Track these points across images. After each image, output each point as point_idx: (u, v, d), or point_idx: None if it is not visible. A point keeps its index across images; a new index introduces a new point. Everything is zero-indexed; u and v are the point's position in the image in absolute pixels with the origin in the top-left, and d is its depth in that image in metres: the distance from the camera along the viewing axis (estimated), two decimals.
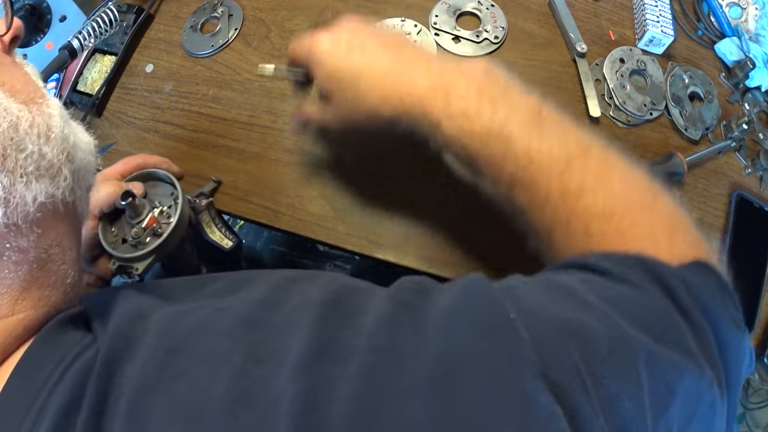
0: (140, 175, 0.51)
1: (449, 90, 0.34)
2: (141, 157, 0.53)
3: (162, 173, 0.50)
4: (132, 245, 0.47)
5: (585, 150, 0.33)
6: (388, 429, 0.20)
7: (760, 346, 0.52)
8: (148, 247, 0.46)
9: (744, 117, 0.55)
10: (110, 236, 0.49)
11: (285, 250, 1.52)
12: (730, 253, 0.52)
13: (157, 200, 0.50)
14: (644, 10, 0.56)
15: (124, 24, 0.64)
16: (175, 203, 0.49)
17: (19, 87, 0.28)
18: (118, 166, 0.51)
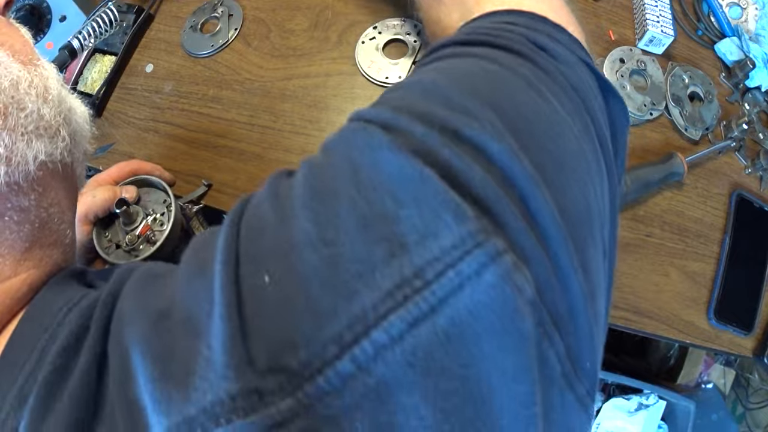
0: (134, 181, 0.51)
1: None
2: (134, 163, 0.53)
3: (155, 180, 0.51)
4: (126, 251, 0.48)
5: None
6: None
7: (760, 346, 0.52)
8: (142, 254, 0.47)
9: (744, 117, 0.55)
10: (104, 241, 0.49)
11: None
12: (730, 253, 0.52)
13: (150, 207, 0.51)
14: (644, 10, 0.56)
15: (124, 24, 0.64)
16: (168, 210, 0.49)
17: (18, 47, 0.28)
18: (111, 172, 0.51)
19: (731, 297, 0.52)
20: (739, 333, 0.52)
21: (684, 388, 1.04)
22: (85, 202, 0.46)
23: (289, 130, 0.57)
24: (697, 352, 1.04)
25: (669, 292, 0.52)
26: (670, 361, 1.07)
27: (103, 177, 0.51)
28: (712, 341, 0.52)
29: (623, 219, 0.52)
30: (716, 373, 1.08)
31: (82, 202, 0.46)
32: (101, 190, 0.47)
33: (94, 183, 0.50)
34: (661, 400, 0.92)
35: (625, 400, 0.94)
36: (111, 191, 0.48)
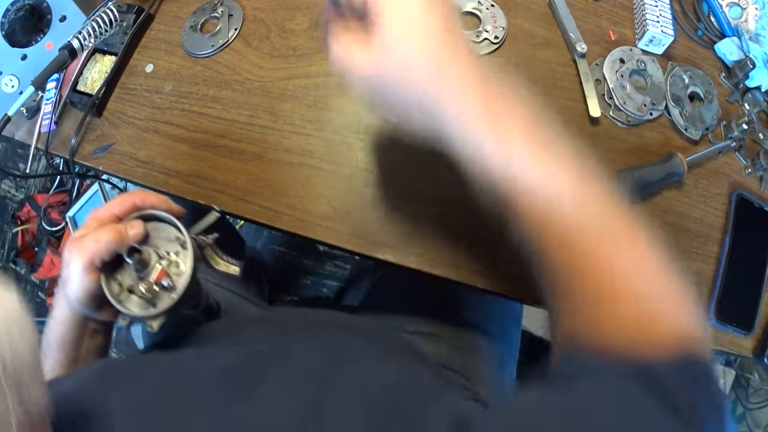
0: (139, 216, 0.46)
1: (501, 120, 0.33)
2: (137, 195, 0.48)
3: (164, 215, 0.45)
4: (142, 298, 0.43)
5: (628, 232, 0.33)
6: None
7: (760, 346, 0.52)
8: (161, 304, 0.43)
9: (744, 117, 0.55)
10: (115, 287, 0.44)
11: (285, 250, 1.52)
12: (730, 253, 0.52)
13: (161, 246, 0.45)
14: (644, 10, 0.56)
15: (124, 24, 0.64)
16: (183, 248, 0.45)
17: None
18: (112, 207, 0.46)
19: (731, 297, 0.52)
20: (739, 333, 0.52)
21: None
22: (88, 247, 0.41)
23: (289, 130, 0.57)
24: None
25: None
26: None
27: (103, 213, 0.45)
28: (712, 341, 0.52)
29: None
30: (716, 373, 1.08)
31: (85, 248, 0.41)
32: (105, 232, 0.42)
33: (95, 221, 0.44)
34: None
35: None
36: (116, 232, 0.42)
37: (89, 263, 0.41)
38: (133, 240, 0.43)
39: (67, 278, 0.43)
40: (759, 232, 0.54)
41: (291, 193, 0.55)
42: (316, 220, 0.53)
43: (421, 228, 0.52)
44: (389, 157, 0.54)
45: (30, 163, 1.36)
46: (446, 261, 0.51)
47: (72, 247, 0.42)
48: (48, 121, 0.64)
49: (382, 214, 0.53)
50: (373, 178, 0.54)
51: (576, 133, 0.54)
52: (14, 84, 0.65)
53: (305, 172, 0.55)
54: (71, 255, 0.42)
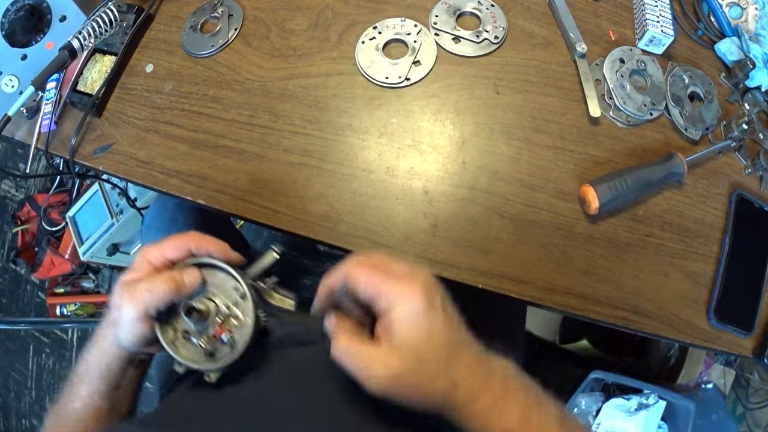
0: (195, 264, 0.43)
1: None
2: (192, 240, 0.44)
3: (222, 265, 0.43)
4: (197, 346, 0.42)
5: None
6: None
7: (760, 346, 0.52)
8: (221, 360, 0.42)
9: (744, 117, 0.55)
10: (170, 333, 0.42)
11: (285, 250, 1.52)
12: (730, 253, 0.52)
13: (218, 296, 0.43)
14: (644, 10, 0.56)
15: (124, 24, 0.64)
16: (242, 299, 0.43)
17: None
18: (165, 250, 0.43)
19: (731, 297, 0.52)
20: (739, 333, 0.52)
21: (684, 388, 1.04)
22: (142, 298, 0.40)
23: (289, 130, 0.57)
24: (697, 352, 1.04)
25: (669, 292, 0.52)
26: (670, 361, 1.07)
27: (155, 256, 0.43)
28: (712, 341, 0.52)
29: (623, 219, 0.52)
30: (716, 373, 1.08)
31: (139, 298, 0.40)
32: (159, 281, 0.40)
33: (147, 265, 0.42)
34: (661, 400, 0.92)
35: (625, 400, 0.94)
36: (171, 281, 0.41)
37: (143, 314, 0.40)
38: (189, 290, 0.42)
39: (117, 321, 0.42)
40: (759, 232, 0.54)
41: (291, 193, 0.55)
42: (316, 220, 0.53)
43: (422, 228, 0.52)
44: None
45: (30, 163, 1.37)
46: (446, 261, 0.51)
47: (124, 293, 0.41)
48: (48, 121, 0.64)
49: (382, 214, 0.53)
50: (372, 178, 0.54)
51: (576, 133, 0.54)
52: (14, 84, 0.65)
53: (305, 172, 0.55)
54: (123, 301, 0.40)
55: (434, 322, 0.36)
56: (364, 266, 0.37)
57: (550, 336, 1.18)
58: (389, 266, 0.37)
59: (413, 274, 0.37)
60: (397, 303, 0.36)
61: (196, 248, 0.44)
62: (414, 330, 0.35)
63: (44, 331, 1.88)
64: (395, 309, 0.36)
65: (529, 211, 0.52)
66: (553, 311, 0.52)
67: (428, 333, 0.35)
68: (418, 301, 0.35)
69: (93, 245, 1.35)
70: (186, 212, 0.79)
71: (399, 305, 0.36)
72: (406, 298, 0.36)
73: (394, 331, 0.36)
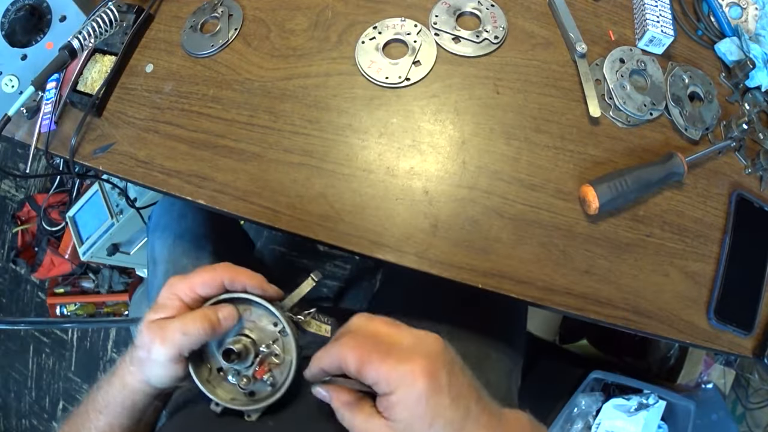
0: (230, 300, 0.41)
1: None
2: (225, 273, 0.41)
3: (259, 301, 0.41)
4: (235, 384, 0.41)
5: None
6: None
7: (760, 346, 0.52)
8: (262, 399, 0.40)
9: (744, 117, 0.55)
10: (204, 373, 0.41)
11: (285, 250, 1.52)
12: (730, 253, 0.52)
13: (255, 332, 0.41)
14: (644, 10, 0.56)
15: (124, 24, 0.64)
16: (282, 335, 0.41)
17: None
18: (194, 284, 0.41)
19: (731, 297, 0.52)
20: (739, 333, 0.52)
21: (684, 388, 1.04)
22: (174, 341, 0.38)
23: (289, 130, 0.57)
24: (697, 352, 1.04)
25: (669, 292, 0.52)
26: (670, 361, 1.07)
27: (185, 292, 0.40)
28: (712, 341, 0.52)
29: (623, 219, 0.52)
30: (716, 373, 1.08)
31: (172, 340, 0.38)
32: (192, 321, 0.38)
33: (176, 302, 0.40)
34: (661, 400, 0.92)
35: (625, 400, 0.94)
36: (205, 320, 0.38)
37: (177, 355, 0.39)
38: (225, 330, 0.40)
39: (146, 361, 0.40)
40: (759, 232, 0.54)
41: (291, 193, 0.55)
42: (315, 220, 0.53)
43: (422, 228, 0.52)
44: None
45: (30, 163, 1.37)
46: (446, 261, 0.51)
47: (155, 335, 0.38)
48: (48, 121, 0.64)
49: (382, 213, 0.53)
50: (372, 178, 0.54)
51: (576, 133, 0.54)
52: (14, 84, 0.65)
53: (305, 172, 0.55)
54: (154, 342, 0.38)
55: (438, 403, 0.34)
56: (359, 349, 0.35)
57: (550, 336, 1.18)
58: (389, 342, 0.36)
59: (414, 350, 0.35)
60: (398, 387, 0.34)
61: (230, 283, 0.41)
62: (415, 415, 0.34)
63: (44, 331, 1.89)
64: (396, 393, 0.34)
65: (529, 211, 0.52)
66: (553, 311, 0.52)
67: (431, 417, 0.34)
68: (420, 385, 0.34)
69: (93, 245, 1.35)
70: (195, 208, 0.79)
71: (399, 389, 0.34)
72: (407, 382, 0.34)
73: (395, 414, 0.34)
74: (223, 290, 0.41)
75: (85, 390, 1.79)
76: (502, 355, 0.67)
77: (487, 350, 0.66)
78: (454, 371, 0.36)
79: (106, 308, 1.72)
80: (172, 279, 0.41)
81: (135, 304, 1.63)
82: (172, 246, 0.77)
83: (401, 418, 0.34)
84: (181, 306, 0.40)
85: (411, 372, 0.34)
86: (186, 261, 0.76)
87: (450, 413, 0.34)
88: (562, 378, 1.01)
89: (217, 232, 0.81)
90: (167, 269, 0.76)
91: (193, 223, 0.79)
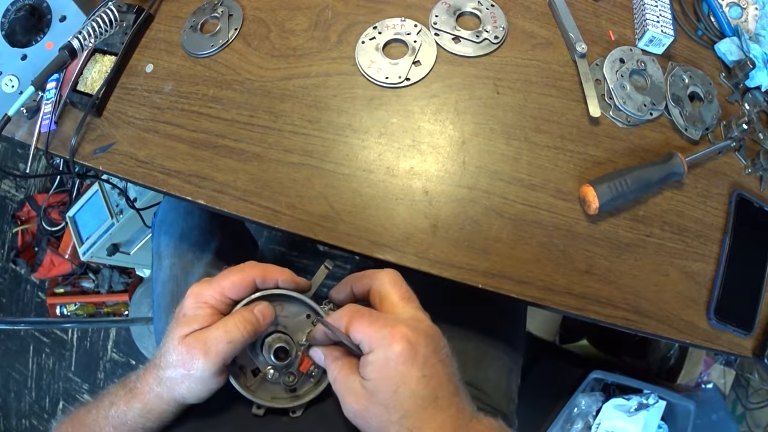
0: (263, 297, 0.40)
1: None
2: (255, 271, 0.40)
3: (289, 293, 0.40)
4: (276, 383, 0.41)
5: None
6: None
7: (760, 346, 0.52)
8: (306, 394, 0.41)
9: (744, 117, 0.55)
10: (243, 379, 0.40)
11: (285, 250, 1.53)
12: (730, 253, 0.52)
13: (291, 328, 0.41)
14: (644, 10, 0.56)
15: (124, 24, 0.64)
16: (314, 325, 0.41)
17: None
18: (224, 287, 0.39)
19: (731, 297, 0.52)
20: (739, 333, 0.52)
21: (684, 388, 1.04)
22: (219, 351, 0.36)
23: (289, 130, 0.57)
24: (697, 352, 1.04)
25: (669, 292, 0.52)
26: (670, 361, 1.07)
27: (215, 297, 0.39)
28: (712, 341, 0.52)
29: (623, 219, 0.52)
30: (716, 373, 1.08)
31: (216, 350, 0.36)
32: (234, 327, 0.37)
33: (207, 309, 0.38)
34: (661, 400, 0.92)
35: (625, 400, 0.94)
36: (247, 323, 0.38)
37: (222, 367, 0.37)
38: (265, 328, 0.39)
39: (184, 379, 0.37)
40: (759, 232, 0.54)
41: (291, 193, 0.55)
42: (315, 220, 0.53)
43: (423, 228, 0.52)
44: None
45: (30, 163, 1.37)
46: (446, 261, 0.51)
47: (194, 349, 0.37)
48: (48, 121, 0.64)
49: (382, 213, 0.53)
50: (372, 178, 0.54)
51: (576, 133, 0.54)
52: (14, 84, 0.65)
53: (305, 172, 0.55)
54: (195, 357, 0.36)
55: (406, 372, 0.34)
56: (355, 311, 0.37)
57: (550, 336, 1.18)
58: (391, 309, 0.37)
59: (404, 321, 0.36)
60: (376, 347, 0.35)
61: (262, 281, 0.40)
62: (383, 377, 0.35)
63: (44, 331, 1.89)
64: (373, 353, 0.35)
65: (529, 211, 0.52)
66: (553, 311, 0.52)
67: (396, 382, 0.34)
68: (395, 349, 0.34)
69: (93, 245, 1.35)
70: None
71: (377, 350, 0.35)
72: (384, 344, 0.35)
73: (367, 373, 0.35)
74: (254, 289, 0.40)
75: (86, 390, 1.79)
76: (501, 354, 0.67)
77: (486, 349, 0.66)
78: (437, 355, 0.36)
79: (106, 308, 1.72)
80: (195, 287, 0.39)
81: (135, 304, 1.63)
82: (179, 241, 0.78)
83: (371, 377, 0.35)
84: (213, 313, 0.39)
85: (390, 335, 0.35)
86: (192, 256, 0.76)
87: (416, 386, 0.34)
88: (562, 378, 1.01)
89: (223, 229, 0.81)
90: (173, 263, 0.76)
91: (199, 220, 0.79)
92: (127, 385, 0.41)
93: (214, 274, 0.81)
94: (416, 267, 0.51)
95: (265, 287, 0.40)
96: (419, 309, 0.39)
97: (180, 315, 0.39)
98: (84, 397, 1.79)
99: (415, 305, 0.39)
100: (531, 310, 0.71)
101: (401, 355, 0.34)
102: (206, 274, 0.75)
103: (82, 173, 0.69)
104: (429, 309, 0.38)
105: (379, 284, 0.40)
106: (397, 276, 0.40)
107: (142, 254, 1.48)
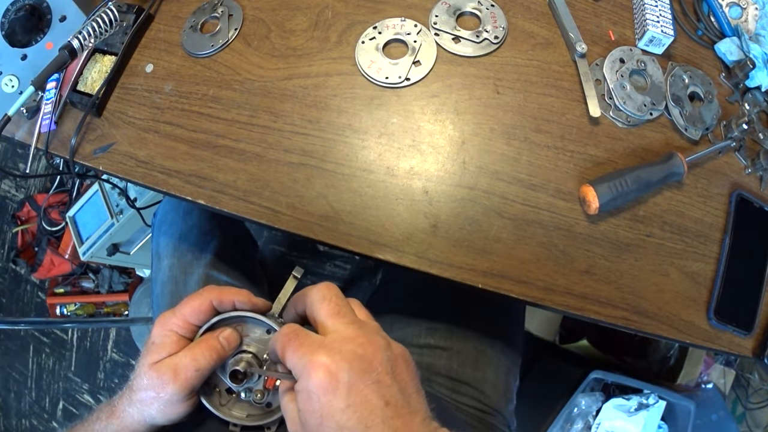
0: (222, 321, 0.41)
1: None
2: (212, 294, 0.41)
3: (247, 315, 0.41)
4: (246, 401, 0.41)
5: None
6: None
7: (760, 346, 0.52)
8: (279, 410, 0.40)
9: (744, 117, 0.55)
10: (216, 398, 0.41)
11: (285, 250, 1.53)
12: (730, 253, 0.52)
13: (254, 347, 0.42)
14: (644, 10, 0.56)
15: (124, 24, 0.64)
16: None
17: None
18: (185, 314, 0.41)
19: (731, 297, 0.52)
20: (739, 333, 0.52)
21: (684, 388, 1.04)
22: (187, 378, 0.38)
23: (289, 130, 0.57)
24: (697, 352, 1.04)
25: (669, 292, 0.52)
26: (670, 361, 1.07)
27: (178, 324, 0.41)
28: (712, 341, 0.52)
29: (623, 219, 0.52)
30: (716, 373, 1.08)
31: (183, 379, 0.38)
32: (201, 354, 0.39)
33: (173, 336, 0.40)
34: (661, 400, 0.92)
35: (625, 400, 0.94)
36: (212, 350, 0.39)
37: (191, 392, 0.39)
38: (230, 352, 0.40)
39: (154, 401, 0.39)
40: (759, 232, 0.54)
41: (291, 193, 0.55)
42: (315, 220, 0.53)
43: (423, 228, 0.52)
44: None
45: (30, 163, 1.37)
46: (446, 261, 0.51)
47: (164, 375, 0.39)
48: (48, 121, 0.64)
49: (382, 213, 0.53)
50: (372, 178, 0.54)
51: (576, 133, 0.55)
52: (14, 84, 0.65)
53: (305, 172, 0.55)
54: (166, 383, 0.39)
55: (328, 404, 0.33)
56: (287, 335, 0.36)
57: (550, 336, 1.18)
58: (322, 329, 0.36)
59: (328, 345, 0.34)
60: (300, 377, 0.34)
61: (220, 304, 0.41)
62: (308, 409, 0.34)
63: (44, 331, 1.89)
64: (299, 382, 0.34)
65: (529, 211, 0.52)
66: (553, 311, 0.52)
67: (320, 414, 0.33)
68: (313, 380, 0.33)
69: (93, 245, 1.35)
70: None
71: (300, 380, 0.34)
72: (305, 374, 0.34)
73: (298, 402, 0.35)
74: (214, 313, 0.42)
75: (86, 390, 1.79)
76: (500, 354, 0.67)
77: (485, 349, 0.66)
78: (366, 379, 0.33)
79: (106, 308, 1.72)
80: (161, 317, 0.42)
81: (135, 304, 1.63)
82: (178, 241, 0.77)
83: (301, 407, 0.34)
84: (178, 339, 0.41)
85: (309, 363, 0.33)
86: (191, 257, 0.76)
87: (340, 417, 0.32)
88: (562, 378, 1.01)
89: (223, 229, 0.81)
90: (172, 264, 0.76)
91: (199, 220, 0.79)
92: (111, 403, 0.43)
93: (213, 274, 0.81)
94: (416, 267, 0.51)
95: (223, 309, 0.42)
96: (351, 324, 0.36)
97: (149, 343, 0.41)
98: (84, 397, 1.79)
99: (346, 320, 0.36)
100: (531, 310, 0.71)
101: (320, 387, 0.33)
102: (205, 274, 0.75)
103: (82, 173, 0.69)
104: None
105: (309, 302, 0.38)
106: (328, 290, 0.38)
107: (142, 254, 1.48)
